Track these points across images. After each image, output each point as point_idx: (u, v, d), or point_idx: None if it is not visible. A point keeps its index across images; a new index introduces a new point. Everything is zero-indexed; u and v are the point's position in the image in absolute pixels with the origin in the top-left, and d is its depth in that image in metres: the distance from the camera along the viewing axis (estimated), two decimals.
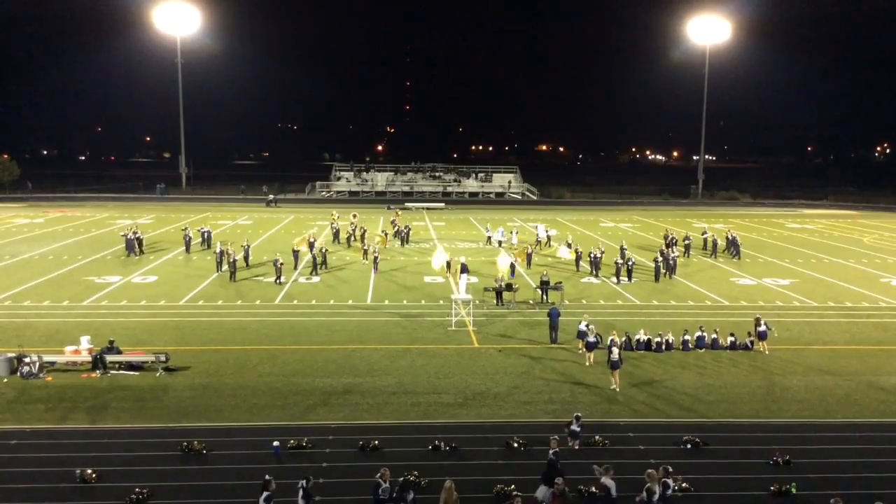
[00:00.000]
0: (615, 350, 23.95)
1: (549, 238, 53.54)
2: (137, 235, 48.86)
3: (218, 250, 42.83)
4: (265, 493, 15.12)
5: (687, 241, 51.14)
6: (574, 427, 19.44)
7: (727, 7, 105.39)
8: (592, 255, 43.15)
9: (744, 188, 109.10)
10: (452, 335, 30.04)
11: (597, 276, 42.11)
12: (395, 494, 15.37)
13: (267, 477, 15.46)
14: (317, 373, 25.10)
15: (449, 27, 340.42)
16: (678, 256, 44.97)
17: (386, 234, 53.47)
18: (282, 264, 39.98)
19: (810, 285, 40.92)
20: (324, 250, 44.62)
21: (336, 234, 54.90)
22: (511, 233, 56.62)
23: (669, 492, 15.94)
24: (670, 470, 15.73)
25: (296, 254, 44.57)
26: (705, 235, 53.10)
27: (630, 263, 42.66)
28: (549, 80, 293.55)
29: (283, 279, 39.56)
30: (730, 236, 51.67)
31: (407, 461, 18.09)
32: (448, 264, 39.72)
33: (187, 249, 49.35)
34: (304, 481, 15.46)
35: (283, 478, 17.46)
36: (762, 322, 28.36)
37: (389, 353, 27.35)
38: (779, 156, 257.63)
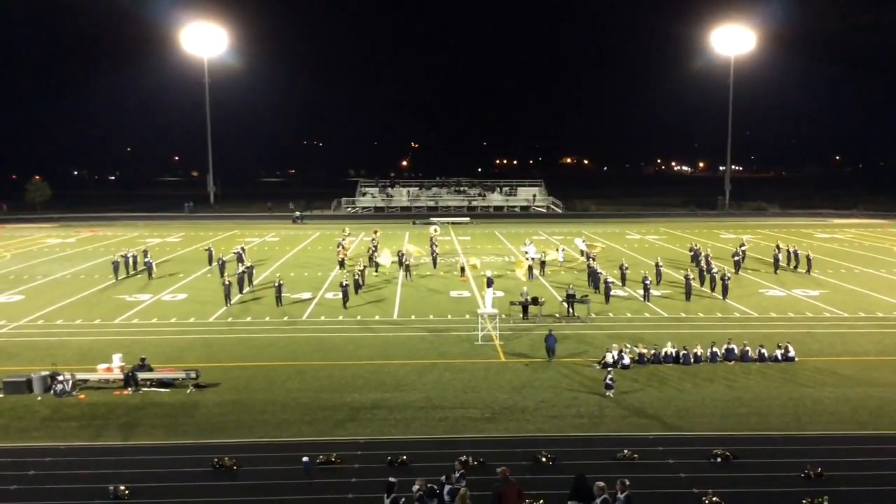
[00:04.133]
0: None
1: (583, 253, 52.43)
2: (129, 255, 49.05)
3: (239, 270, 43.21)
4: (392, 496, 15.34)
5: (737, 258, 48.54)
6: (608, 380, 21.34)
7: (752, 17, 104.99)
8: (623, 268, 42.99)
9: (771, 198, 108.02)
10: (479, 349, 30.08)
11: (623, 287, 41.84)
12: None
13: (391, 479, 15.71)
14: (345, 388, 25.25)
15: (473, 42, 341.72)
16: (728, 275, 41.14)
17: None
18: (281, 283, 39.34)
19: (841, 296, 40.45)
20: (361, 270, 43.60)
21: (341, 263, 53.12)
22: (557, 250, 54.90)
23: None
24: (627, 483, 15.47)
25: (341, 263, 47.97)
26: (743, 248, 51.82)
27: (657, 280, 42.28)
28: (573, 92, 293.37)
29: (282, 303, 38.48)
30: (791, 250, 50.34)
31: (436, 476, 18.11)
32: (462, 269, 41.71)
33: (210, 262, 50.38)
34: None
35: (313, 493, 17.63)
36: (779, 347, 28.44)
37: (416, 368, 27.45)
38: (806, 166, 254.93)
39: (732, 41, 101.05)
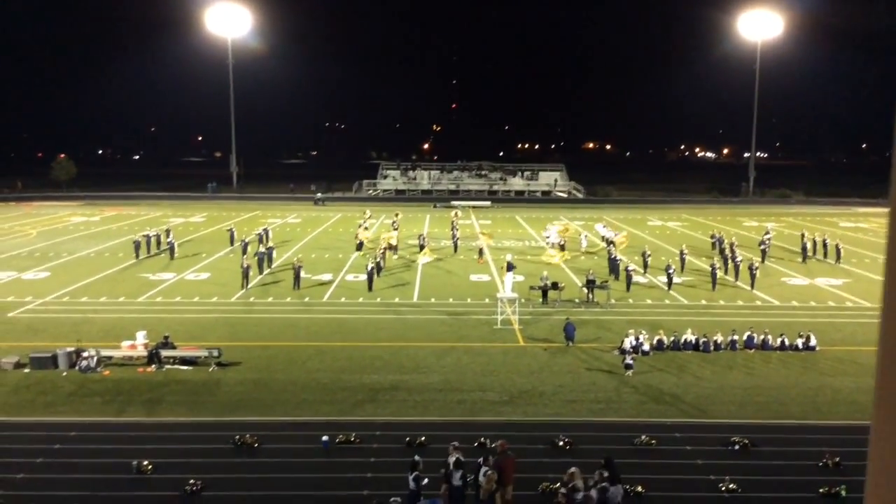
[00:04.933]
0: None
1: (604, 240, 52.13)
2: (151, 235, 49.51)
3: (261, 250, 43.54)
4: (414, 473, 15.65)
5: (763, 246, 47.90)
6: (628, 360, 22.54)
7: (779, 2, 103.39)
8: (645, 254, 42.84)
9: (796, 186, 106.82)
10: (498, 333, 30.18)
11: (644, 274, 41.70)
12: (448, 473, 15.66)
13: (416, 458, 16.05)
14: (364, 369, 25.47)
15: (495, 25, 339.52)
16: (756, 265, 40.08)
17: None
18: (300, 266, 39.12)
19: (864, 285, 40.07)
20: (382, 253, 43.73)
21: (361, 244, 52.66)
22: (580, 235, 54.02)
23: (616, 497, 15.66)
24: (605, 475, 15.54)
25: (360, 245, 48.07)
26: (768, 236, 51.26)
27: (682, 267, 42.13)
28: (596, 77, 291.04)
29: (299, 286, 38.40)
30: (820, 239, 49.60)
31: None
32: (480, 252, 42.75)
33: (233, 243, 51.10)
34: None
35: (332, 471, 17.86)
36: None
37: (435, 351, 27.60)
38: (833, 153, 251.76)
39: (759, 26, 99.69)
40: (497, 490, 15.47)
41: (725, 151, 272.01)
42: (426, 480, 15.69)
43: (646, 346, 27.38)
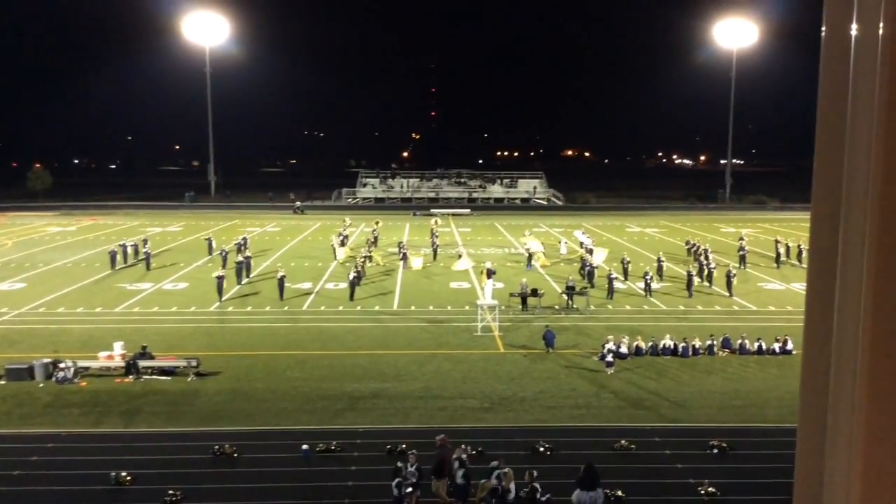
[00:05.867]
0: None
1: (583, 246, 52.27)
2: (127, 245, 49.06)
3: (239, 259, 43.25)
4: (396, 480, 16.09)
5: (742, 252, 48.06)
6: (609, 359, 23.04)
7: (754, 10, 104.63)
8: (624, 261, 43.08)
9: (772, 192, 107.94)
10: (478, 340, 30.23)
11: (624, 280, 41.88)
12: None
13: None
14: (345, 377, 25.41)
15: (473, 33, 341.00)
16: (734, 272, 40.00)
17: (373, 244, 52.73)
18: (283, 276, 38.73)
19: None
20: (362, 261, 43.54)
21: (343, 242, 52.14)
22: (559, 242, 55.20)
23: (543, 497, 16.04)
24: (535, 475, 15.87)
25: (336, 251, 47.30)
26: (742, 241, 51.65)
27: (659, 274, 42.27)
28: (574, 84, 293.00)
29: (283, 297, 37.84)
30: (798, 246, 49.87)
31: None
32: (459, 256, 43.00)
33: (211, 252, 50.72)
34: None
35: (313, 480, 17.81)
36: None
37: (416, 359, 27.60)
38: (808, 159, 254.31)
39: (735, 34, 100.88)
40: (440, 483, 16.44)
41: (703, 158, 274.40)
42: (409, 489, 15.69)
43: (623, 349, 27.47)
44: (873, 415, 1.47)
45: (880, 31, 1.46)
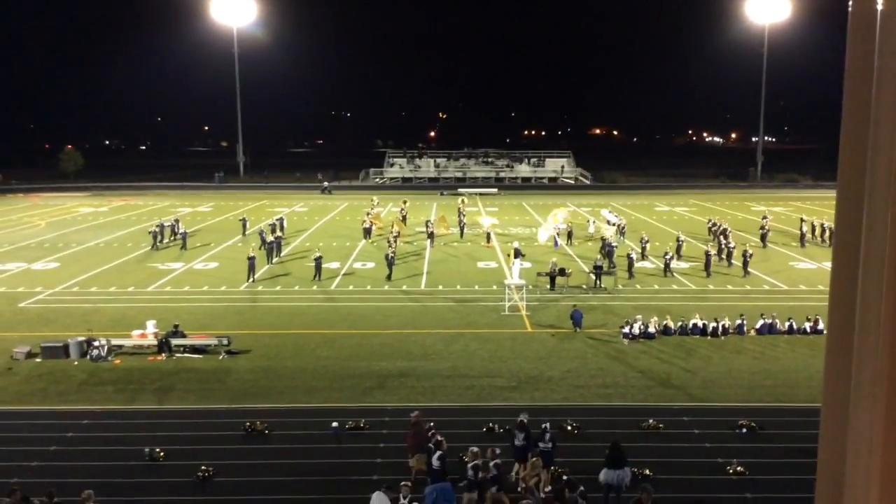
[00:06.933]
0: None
1: (614, 225, 51.96)
2: (164, 224, 49.66)
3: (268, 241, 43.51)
4: (438, 453, 15.81)
5: (763, 231, 47.73)
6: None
7: None
8: (643, 240, 42.70)
9: (805, 170, 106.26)
10: (506, 320, 30.26)
11: (643, 258, 41.39)
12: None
13: (438, 437, 16.21)
14: (373, 356, 25.60)
15: (501, 12, 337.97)
16: (750, 252, 39.25)
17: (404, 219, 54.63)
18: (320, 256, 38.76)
19: None
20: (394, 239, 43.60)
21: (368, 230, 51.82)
22: (588, 221, 54.90)
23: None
24: (498, 451, 15.94)
25: (368, 232, 48.95)
26: (765, 219, 51.14)
27: (678, 253, 41.63)
28: (602, 63, 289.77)
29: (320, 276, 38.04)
30: (822, 224, 49.06)
31: (461, 443, 18.41)
32: (488, 237, 46.97)
33: (244, 232, 51.16)
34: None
35: (342, 457, 18.03)
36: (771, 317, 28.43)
37: (443, 338, 27.71)
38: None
39: (766, 9, 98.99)
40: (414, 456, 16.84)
41: (733, 136, 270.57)
42: (448, 459, 15.87)
43: (651, 329, 27.40)
44: (893, 410, 1.47)
45: None
